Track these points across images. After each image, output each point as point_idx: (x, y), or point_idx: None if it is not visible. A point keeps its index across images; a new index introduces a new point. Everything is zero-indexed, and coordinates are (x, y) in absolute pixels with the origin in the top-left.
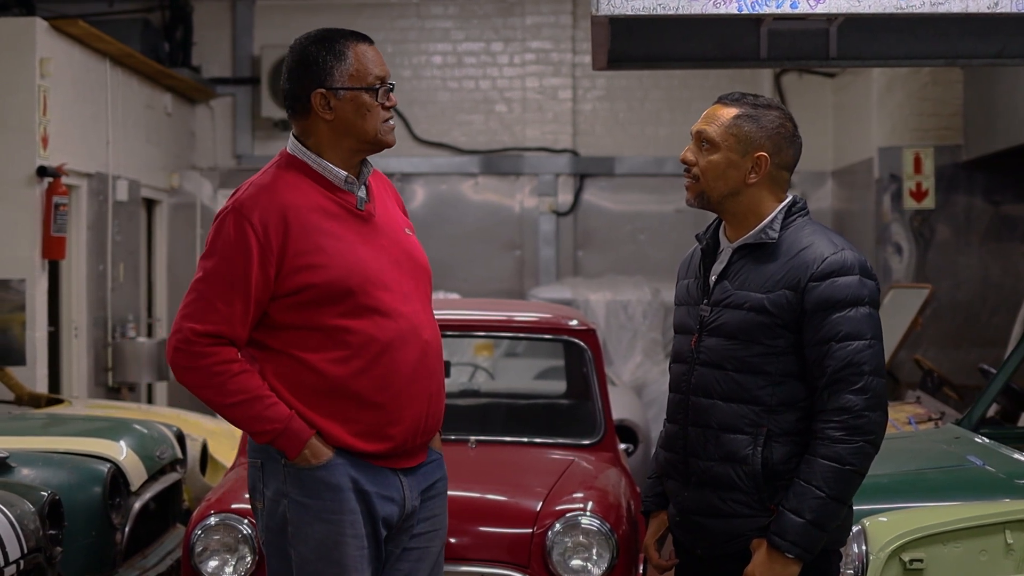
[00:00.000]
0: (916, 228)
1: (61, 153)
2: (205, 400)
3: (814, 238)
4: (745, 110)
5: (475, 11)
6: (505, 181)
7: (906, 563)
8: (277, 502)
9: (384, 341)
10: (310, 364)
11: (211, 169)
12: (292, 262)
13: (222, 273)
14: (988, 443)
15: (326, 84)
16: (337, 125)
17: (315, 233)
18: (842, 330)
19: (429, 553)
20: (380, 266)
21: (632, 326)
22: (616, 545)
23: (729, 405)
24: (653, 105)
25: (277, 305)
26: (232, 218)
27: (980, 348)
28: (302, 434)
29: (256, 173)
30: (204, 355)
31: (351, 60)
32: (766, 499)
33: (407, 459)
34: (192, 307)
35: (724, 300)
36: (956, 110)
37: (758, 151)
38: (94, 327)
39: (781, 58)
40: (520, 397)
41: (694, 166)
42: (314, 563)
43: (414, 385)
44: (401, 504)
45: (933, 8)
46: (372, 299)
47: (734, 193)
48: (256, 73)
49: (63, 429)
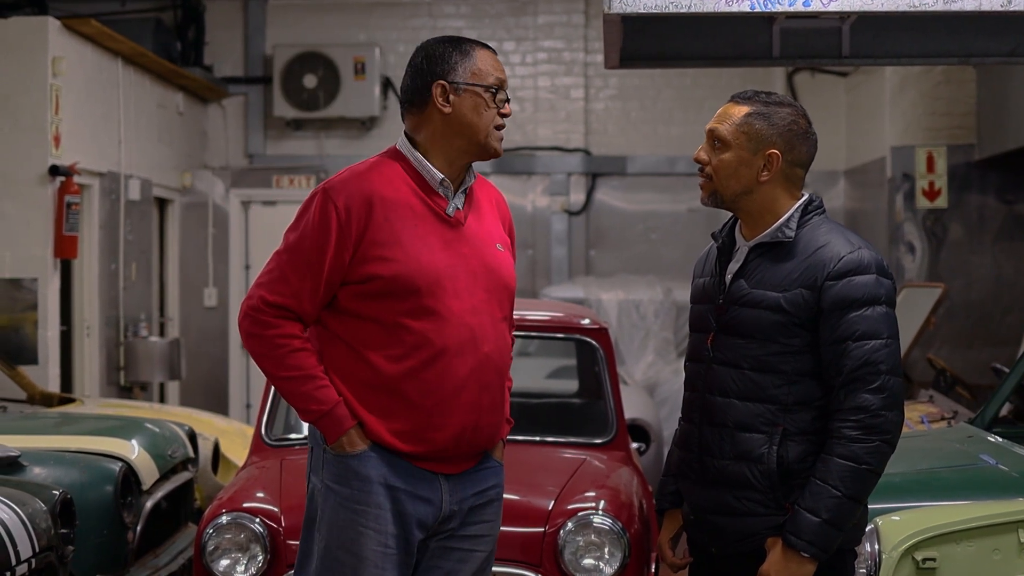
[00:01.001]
0: (929, 227)
1: (73, 152)
2: (262, 368)
3: (831, 236)
4: (757, 108)
5: (487, 10)
6: (517, 180)
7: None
8: (316, 487)
9: (440, 346)
10: (364, 356)
11: (223, 168)
12: (367, 251)
13: (300, 249)
14: (1001, 442)
15: (448, 78)
16: (452, 120)
17: (396, 226)
18: (859, 329)
19: (474, 557)
20: (454, 273)
21: (644, 325)
22: (628, 544)
23: (745, 404)
24: (665, 104)
25: (345, 291)
26: (320, 198)
27: (993, 347)
28: (344, 422)
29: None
30: (270, 325)
31: (475, 59)
32: (781, 498)
33: (448, 465)
34: (267, 276)
35: (740, 298)
36: (969, 109)
37: (769, 148)
38: (106, 326)
39: (793, 56)
40: (532, 396)
41: (707, 165)
42: (334, 551)
43: (463, 395)
44: (439, 506)
45: (946, 6)
46: (436, 302)
47: (747, 191)
48: (268, 72)
49: (75, 428)
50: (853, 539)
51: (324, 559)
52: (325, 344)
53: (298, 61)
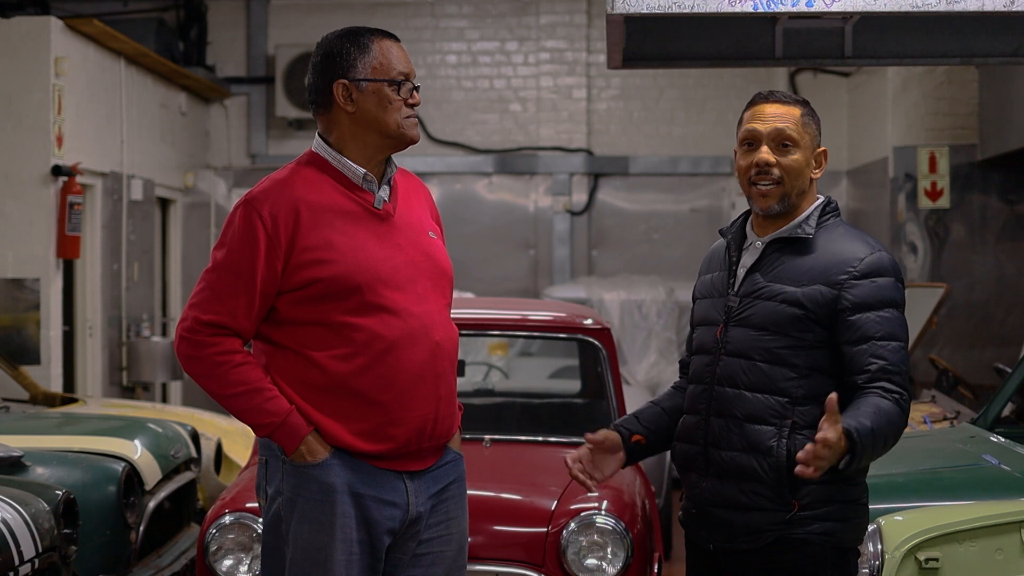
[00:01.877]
0: (931, 227)
1: (76, 152)
2: (207, 390)
3: (850, 236)
4: (805, 108)
5: (489, 10)
6: (520, 180)
7: (922, 562)
8: (274, 500)
9: (390, 339)
10: (314, 360)
11: (225, 168)
12: (300, 256)
13: (229, 264)
14: (1004, 442)
15: (349, 76)
16: (359, 118)
17: (325, 229)
18: (883, 329)
19: (443, 557)
20: (393, 265)
21: (646, 325)
22: (631, 544)
23: (755, 395)
24: (668, 104)
25: (284, 300)
26: (243, 210)
27: (995, 347)
28: (300, 430)
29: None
30: (207, 344)
31: (375, 53)
32: (787, 494)
33: (413, 462)
34: (199, 296)
35: (756, 292)
36: (971, 109)
37: (820, 147)
38: (108, 326)
39: (796, 57)
40: (535, 396)
41: (775, 167)
42: (300, 563)
43: (419, 386)
44: (405, 508)
45: (949, 6)
46: (380, 297)
47: (803, 191)
48: (270, 72)
49: (78, 428)
50: (856, 538)
51: (290, 572)
52: (271, 357)
53: (300, 61)
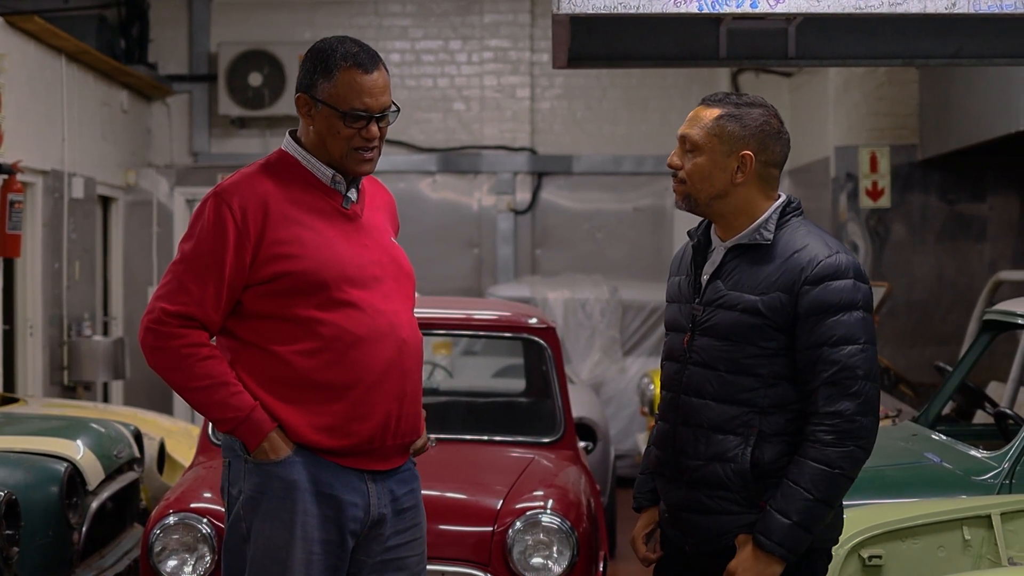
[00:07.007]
0: (872, 227)
1: (16, 150)
2: (171, 383)
3: (809, 240)
4: (728, 109)
5: (433, 9)
6: (463, 179)
7: (865, 559)
8: (237, 499)
9: (357, 335)
10: (280, 356)
11: (167, 167)
12: (268, 250)
13: (198, 256)
14: (945, 440)
15: (310, 92)
16: (316, 131)
17: (294, 224)
18: (836, 334)
19: (408, 564)
20: (360, 263)
21: (590, 324)
22: (577, 543)
23: (721, 406)
24: (611, 104)
25: (251, 293)
26: (213, 202)
27: (935, 346)
28: (263, 426)
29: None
30: (174, 336)
31: (335, 80)
32: (754, 496)
33: (377, 460)
34: (166, 288)
35: (717, 300)
36: (912, 110)
37: (743, 150)
38: (50, 325)
39: (740, 57)
40: (479, 395)
41: (680, 170)
42: (260, 561)
43: (385, 382)
44: (366, 508)
45: (892, 8)
46: (346, 294)
47: (722, 195)
48: (213, 70)
49: (19, 428)
50: (828, 539)
51: (251, 570)
52: (236, 354)
53: (243, 59)
